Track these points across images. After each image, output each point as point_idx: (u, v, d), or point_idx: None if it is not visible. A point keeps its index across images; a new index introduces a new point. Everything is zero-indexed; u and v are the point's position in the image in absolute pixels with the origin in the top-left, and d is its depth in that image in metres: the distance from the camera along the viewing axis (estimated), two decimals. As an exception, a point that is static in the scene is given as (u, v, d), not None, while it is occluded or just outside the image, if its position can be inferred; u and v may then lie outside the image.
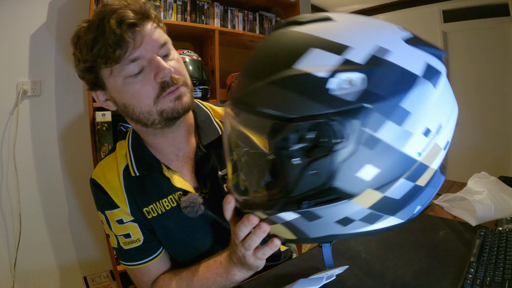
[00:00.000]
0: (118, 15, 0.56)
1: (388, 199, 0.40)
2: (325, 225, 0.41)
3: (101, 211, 0.74)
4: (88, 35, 0.58)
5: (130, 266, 0.74)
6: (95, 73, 0.62)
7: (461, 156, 3.46)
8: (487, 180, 1.17)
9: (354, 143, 0.35)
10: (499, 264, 0.66)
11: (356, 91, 0.34)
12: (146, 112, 0.62)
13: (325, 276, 0.60)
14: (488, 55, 3.17)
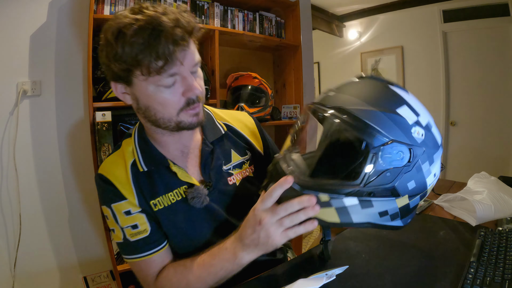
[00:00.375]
0: (173, 34, 0.59)
1: (408, 205, 0.59)
2: (370, 213, 0.56)
3: (106, 204, 0.74)
4: (136, 37, 0.58)
5: (136, 258, 0.73)
6: (127, 71, 0.63)
7: (461, 156, 3.46)
8: (487, 180, 1.17)
9: (412, 165, 0.56)
10: (499, 264, 0.66)
11: (421, 139, 0.57)
12: (166, 119, 0.67)
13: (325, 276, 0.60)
14: (488, 55, 3.17)
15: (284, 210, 0.57)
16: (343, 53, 4.37)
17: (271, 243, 0.59)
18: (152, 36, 0.58)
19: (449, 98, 3.48)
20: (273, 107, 2.19)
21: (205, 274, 0.66)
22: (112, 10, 1.52)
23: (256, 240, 0.60)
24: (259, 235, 0.59)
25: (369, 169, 0.53)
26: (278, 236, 0.58)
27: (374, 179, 0.54)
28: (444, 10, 3.39)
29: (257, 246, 0.60)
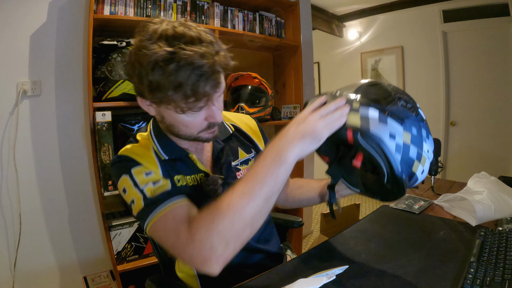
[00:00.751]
0: (210, 79, 0.62)
1: (409, 151, 0.64)
2: (383, 130, 0.62)
3: (125, 173, 0.72)
4: (174, 77, 0.60)
5: (161, 211, 0.66)
6: (154, 98, 0.65)
7: (461, 156, 3.46)
8: (487, 180, 1.17)
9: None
10: (499, 264, 0.66)
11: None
12: (187, 135, 0.73)
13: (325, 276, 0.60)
14: (488, 55, 3.17)
15: (325, 109, 0.62)
16: (343, 53, 4.37)
17: (316, 133, 0.60)
18: (191, 79, 0.60)
19: (449, 98, 3.48)
20: (273, 107, 2.19)
21: (250, 187, 0.59)
22: (112, 10, 1.52)
23: (301, 132, 0.60)
24: (303, 127, 0.61)
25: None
26: (321, 127, 0.60)
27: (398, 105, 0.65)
28: (444, 10, 3.39)
29: (302, 137, 0.60)
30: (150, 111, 0.72)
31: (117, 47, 1.51)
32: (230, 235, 0.57)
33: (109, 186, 1.44)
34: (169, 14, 1.70)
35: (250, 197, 0.58)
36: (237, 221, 0.57)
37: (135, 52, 0.65)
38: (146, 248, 1.62)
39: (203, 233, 0.58)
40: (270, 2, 2.11)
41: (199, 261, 0.58)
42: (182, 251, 0.60)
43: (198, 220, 0.60)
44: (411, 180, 0.66)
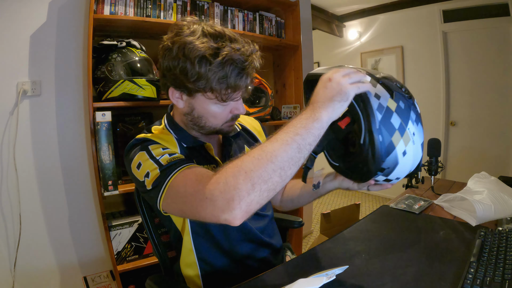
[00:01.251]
0: (250, 73, 0.72)
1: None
2: (371, 89, 0.65)
3: (142, 150, 0.74)
4: (219, 69, 0.68)
5: (180, 169, 0.66)
6: (196, 90, 0.72)
7: (461, 156, 3.46)
8: (487, 180, 1.17)
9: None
10: (499, 264, 0.66)
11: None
12: (211, 126, 0.80)
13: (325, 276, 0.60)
14: (488, 55, 3.17)
15: (348, 69, 0.65)
16: (343, 53, 4.37)
17: (345, 92, 0.61)
18: (234, 73, 0.69)
19: (449, 98, 3.48)
20: (273, 107, 2.19)
21: (281, 134, 0.59)
22: (112, 10, 1.52)
23: (330, 92, 0.62)
24: (331, 87, 0.63)
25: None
26: (348, 84, 0.62)
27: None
28: (444, 10, 3.39)
29: (332, 98, 0.62)
30: (179, 103, 0.78)
31: (117, 47, 1.51)
32: (258, 175, 0.55)
33: (109, 186, 1.44)
34: (169, 14, 1.70)
35: (283, 142, 0.58)
36: (267, 162, 0.56)
37: (178, 47, 0.70)
38: (146, 248, 1.62)
39: (229, 172, 0.57)
40: (270, 2, 2.11)
41: (221, 204, 0.55)
42: (203, 197, 0.58)
43: (225, 166, 0.59)
44: (389, 156, 0.66)
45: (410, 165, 0.71)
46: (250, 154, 0.58)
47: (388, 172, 0.70)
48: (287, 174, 0.58)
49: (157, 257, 0.99)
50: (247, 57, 0.70)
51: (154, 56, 1.78)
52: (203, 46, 0.68)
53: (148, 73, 1.53)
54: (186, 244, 0.84)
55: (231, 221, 0.56)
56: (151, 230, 0.97)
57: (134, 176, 0.74)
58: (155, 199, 0.68)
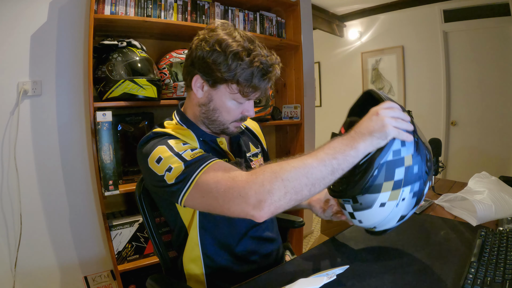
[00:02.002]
0: (271, 79, 0.82)
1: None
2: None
3: (161, 144, 0.76)
4: (249, 67, 0.77)
5: (208, 164, 0.69)
6: (222, 80, 0.78)
7: (461, 156, 3.46)
8: (487, 180, 1.17)
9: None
10: (499, 264, 0.66)
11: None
12: (221, 122, 0.85)
13: (325, 276, 0.60)
14: (489, 55, 3.16)
15: (398, 112, 0.67)
16: (343, 53, 4.37)
17: (385, 131, 0.64)
18: (259, 74, 0.78)
19: (449, 98, 3.48)
20: (274, 107, 2.19)
21: (322, 154, 0.63)
22: (112, 10, 1.52)
23: (372, 127, 0.65)
24: (375, 123, 0.65)
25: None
26: (391, 127, 0.64)
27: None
28: (444, 10, 3.38)
29: (372, 133, 0.64)
30: (198, 92, 0.83)
31: (118, 47, 1.51)
32: (292, 186, 0.60)
33: (109, 186, 1.44)
34: (170, 14, 1.70)
35: (321, 161, 0.62)
36: (303, 176, 0.61)
37: (216, 40, 0.77)
38: (147, 248, 1.62)
39: (267, 176, 0.61)
40: (270, 2, 2.11)
41: (252, 202, 0.60)
42: (236, 194, 0.62)
43: (263, 167, 0.64)
44: (369, 194, 0.68)
45: (378, 220, 0.72)
46: (290, 163, 0.63)
47: (357, 207, 0.72)
48: (315, 191, 0.63)
49: (158, 257, 0.99)
50: (272, 64, 0.80)
51: (154, 56, 1.78)
52: (237, 45, 0.76)
53: (149, 73, 1.53)
54: (192, 238, 0.85)
55: (257, 218, 0.61)
56: (152, 229, 0.97)
57: (151, 170, 0.74)
58: (178, 193, 0.69)
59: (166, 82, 1.65)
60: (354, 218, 0.74)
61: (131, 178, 1.62)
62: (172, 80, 1.64)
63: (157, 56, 1.81)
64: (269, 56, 0.81)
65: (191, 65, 0.82)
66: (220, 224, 0.85)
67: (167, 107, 1.87)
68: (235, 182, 0.63)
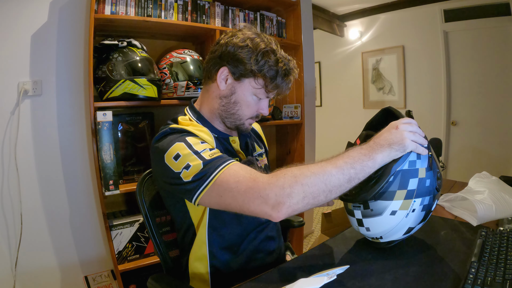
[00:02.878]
0: (291, 80, 0.87)
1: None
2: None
3: (179, 140, 0.76)
4: (275, 65, 0.83)
5: (227, 164, 0.70)
6: (251, 72, 0.83)
7: (462, 156, 3.46)
8: (488, 180, 1.17)
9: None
10: (500, 264, 0.66)
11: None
12: (239, 116, 0.88)
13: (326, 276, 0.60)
14: (489, 55, 3.16)
15: (416, 127, 0.70)
16: (344, 52, 4.37)
17: (404, 144, 0.67)
18: (284, 72, 0.84)
19: (450, 97, 3.48)
20: (274, 106, 2.19)
21: (341, 162, 0.66)
22: (113, 10, 1.52)
23: (391, 140, 0.67)
24: (395, 135, 0.68)
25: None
26: (409, 140, 0.67)
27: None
28: (445, 10, 3.38)
29: (391, 145, 0.67)
30: (221, 84, 0.86)
31: (118, 47, 1.51)
32: (310, 191, 0.63)
33: (110, 185, 1.44)
34: (170, 13, 1.70)
35: (340, 169, 0.65)
36: (321, 182, 0.64)
37: (247, 38, 0.84)
38: (147, 247, 1.62)
39: (287, 179, 0.64)
40: (271, 1, 2.11)
41: (271, 203, 0.64)
42: (257, 194, 0.65)
43: (283, 171, 0.67)
44: (382, 200, 0.70)
45: (386, 229, 0.73)
46: (310, 168, 0.65)
47: (367, 214, 0.73)
48: (331, 197, 0.66)
49: (158, 257, 0.99)
50: (293, 68, 0.86)
51: (155, 56, 1.78)
52: (266, 45, 0.83)
53: (149, 72, 1.53)
54: (201, 236, 0.86)
55: (274, 218, 0.64)
56: (152, 229, 0.97)
57: (167, 166, 0.74)
58: (194, 191, 0.71)
59: (166, 82, 1.65)
60: (362, 226, 0.76)
61: (131, 177, 1.62)
62: (173, 80, 1.64)
63: (157, 56, 1.81)
64: (291, 61, 0.87)
65: (219, 57, 0.85)
66: (229, 223, 0.86)
67: (168, 107, 1.87)
68: (256, 183, 0.66)
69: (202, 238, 0.86)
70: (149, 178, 1.00)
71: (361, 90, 4.19)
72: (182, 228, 0.90)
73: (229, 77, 0.85)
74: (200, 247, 0.87)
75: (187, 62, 1.67)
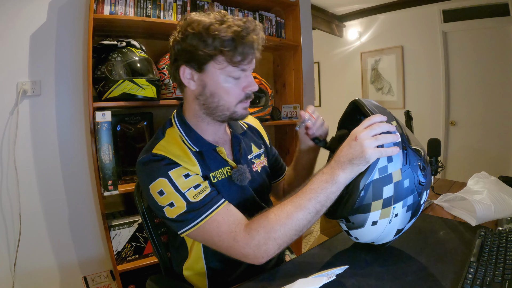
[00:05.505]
0: (254, 42, 0.75)
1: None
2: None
3: (162, 175, 0.73)
4: (226, 33, 0.72)
5: (211, 213, 0.71)
6: (209, 57, 0.74)
7: (461, 156, 3.46)
8: (487, 180, 1.17)
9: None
10: (499, 264, 0.66)
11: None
12: (225, 106, 0.79)
13: (325, 276, 0.60)
14: (488, 55, 3.17)
15: (379, 128, 0.65)
16: (343, 53, 4.37)
17: (365, 156, 0.63)
18: (240, 37, 0.72)
19: (449, 98, 3.48)
20: (273, 107, 2.19)
21: (305, 201, 0.67)
22: (112, 10, 1.52)
23: (351, 155, 0.65)
24: (354, 149, 0.65)
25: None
26: (371, 149, 0.63)
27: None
28: (444, 10, 3.38)
29: (352, 160, 0.65)
30: (190, 84, 0.79)
31: (117, 47, 1.51)
32: (283, 240, 0.68)
33: (109, 186, 1.44)
34: (169, 14, 1.70)
35: (305, 209, 0.67)
36: (291, 230, 0.67)
37: (187, 25, 0.75)
38: (146, 248, 1.62)
39: (261, 238, 0.67)
40: (270, 2, 2.11)
41: (251, 259, 0.69)
42: (238, 252, 0.69)
43: (255, 226, 0.69)
44: (360, 214, 0.69)
45: (375, 237, 0.72)
46: (278, 219, 0.68)
47: (350, 227, 0.73)
48: (304, 231, 0.69)
49: (157, 257, 0.99)
50: (251, 25, 0.75)
51: (154, 56, 1.77)
52: (209, 20, 0.74)
53: (148, 73, 1.53)
54: (197, 253, 0.84)
55: (256, 264, 0.70)
56: (151, 230, 0.97)
57: (152, 197, 0.74)
58: (178, 228, 0.73)
59: (165, 82, 1.65)
60: (351, 236, 0.76)
61: (130, 178, 1.62)
62: (172, 80, 1.64)
63: (156, 56, 1.81)
64: (248, 21, 0.76)
65: (174, 60, 0.79)
66: None
67: (167, 107, 1.87)
68: (236, 242, 0.69)
69: (198, 254, 0.84)
70: (148, 179, 1.00)
71: (360, 90, 4.20)
72: (176, 242, 0.89)
73: (193, 73, 0.78)
74: (196, 262, 0.85)
75: (186, 62, 1.67)
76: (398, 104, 3.79)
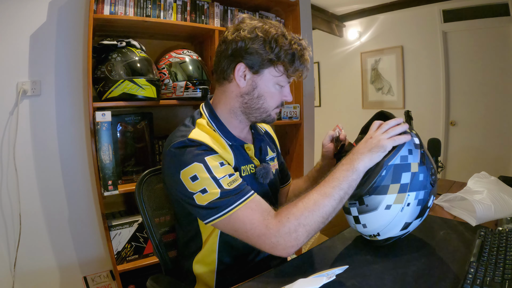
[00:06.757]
0: (307, 61, 0.85)
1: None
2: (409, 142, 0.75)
3: (198, 160, 0.74)
4: (291, 48, 0.81)
5: (245, 201, 0.72)
6: (269, 61, 0.81)
7: (461, 156, 3.46)
8: (487, 180, 1.17)
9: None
10: (499, 264, 0.66)
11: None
12: (265, 109, 0.86)
13: (325, 276, 0.60)
14: (488, 55, 3.17)
15: (387, 125, 0.75)
16: (343, 53, 4.37)
17: (382, 145, 0.72)
18: (300, 52, 0.82)
19: (449, 98, 3.48)
20: (273, 107, 2.18)
21: (329, 189, 0.71)
22: (112, 10, 1.52)
23: (369, 146, 0.73)
24: (371, 142, 0.73)
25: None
26: (385, 140, 0.72)
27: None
28: (444, 10, 3.38)
29: (370, 149, 0.72)
30: (241, 82, 0.83)
31: (117, 47, 1.51)
32: (312, 228, 0.70)
33: (109, 186, 1.44)
34: (169, 14, 1.70)
35: (331, 196, 0.70)
36: (319, 217, 0.70)
37: (253, 27, 0.81)
38: (146, 248, 1.62)
39: (292, 225, 0.69)
40: (270, 2, 2.10)
41: (280, 249, 0.70)
42: (268, 241, 0.70)
43: (285, 214, 0.71)
44: (376, 195, 0.73)
45: (382, 224, 0.74)
46: (307, 206, 0.70)
47: (362, 210, 0.75)
48: (330, 219, 0.72)
49: (157, 257, 0.99)
50: (306, 46, 0.85)
51: (154, 56, 1.78)
52: (275, 30, 0.81)
53: (148, 73, 1.53)
54: (211, 245, 0.85)
55: (284, 256, 0.71)
56: (151, 229, 0.97)
57: (182, 183, 0.74)
58: (207, 216, 0.73)
59: (165, 82, 1.65)
60: (359, 223, 0.77)
61: (130, 178, 1.62)
62: (172, 80, 1.64)
63: (156, 56, 1.81)
64: (302, 39, 0.86)
65: (231, 55, 0.82)
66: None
67: (167, 107, 1.87)
68: (268, 230, 0.70)
69: (213, 247, 0.85)
70: (148, 179, 1.00)
71: (360, 90, 4.20)
72: (189, 233, 0.88)
73: (247, 73, 0.82)
74: (209, 255, 0.86)
75: (186, 62, 1.67)
76: (398, 104, 3.79)
